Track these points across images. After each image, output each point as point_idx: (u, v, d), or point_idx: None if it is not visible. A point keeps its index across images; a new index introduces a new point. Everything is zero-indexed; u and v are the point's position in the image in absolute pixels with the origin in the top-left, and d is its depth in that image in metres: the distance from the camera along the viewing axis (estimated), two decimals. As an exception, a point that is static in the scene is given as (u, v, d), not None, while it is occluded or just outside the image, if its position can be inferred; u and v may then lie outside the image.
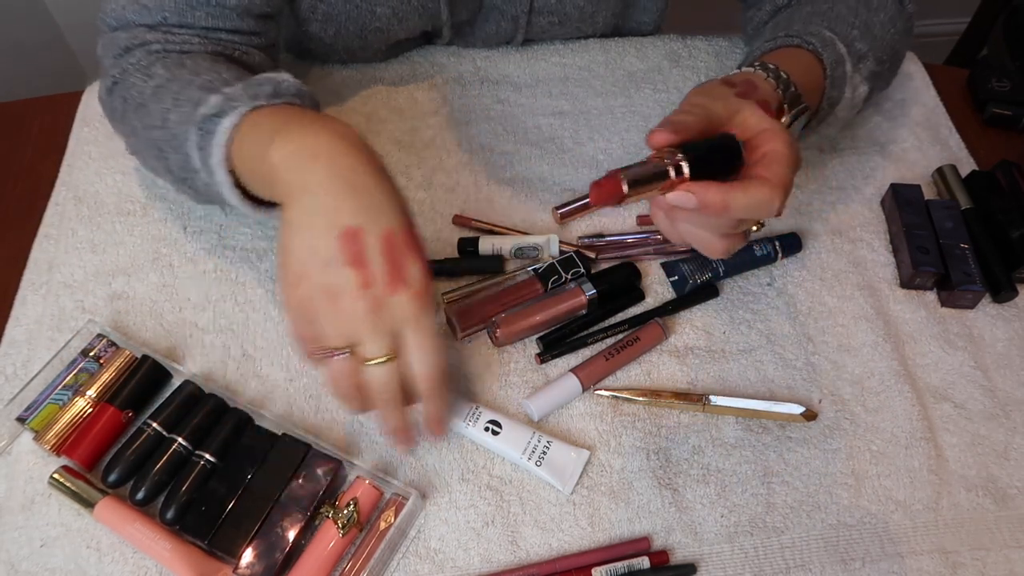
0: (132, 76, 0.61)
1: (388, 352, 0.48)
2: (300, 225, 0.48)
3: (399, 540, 0.54)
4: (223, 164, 0.54)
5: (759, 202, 0.47)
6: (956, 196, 0.72)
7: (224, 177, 0.54)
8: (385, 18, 0.74)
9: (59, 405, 0.58)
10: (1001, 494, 0.58)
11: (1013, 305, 0.68)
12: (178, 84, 0.58)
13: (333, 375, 0.49)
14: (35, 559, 0.53)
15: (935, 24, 1.82)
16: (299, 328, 0.50)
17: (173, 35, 0.62)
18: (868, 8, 0.68)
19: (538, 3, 0.78)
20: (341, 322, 0.48)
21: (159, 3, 0.61)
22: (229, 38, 0.64)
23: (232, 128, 0.53)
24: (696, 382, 0.62)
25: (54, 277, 0.66)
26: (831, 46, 0.63)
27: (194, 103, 0.55)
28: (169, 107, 0.57)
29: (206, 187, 0.58)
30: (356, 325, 0.48)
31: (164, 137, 0.58)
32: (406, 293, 0.48)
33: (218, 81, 0.57)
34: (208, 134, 0.54)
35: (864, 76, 0.65)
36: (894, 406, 0.62)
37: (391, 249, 0.48)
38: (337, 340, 0.48)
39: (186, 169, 0.58)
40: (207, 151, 0.54)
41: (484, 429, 0.58)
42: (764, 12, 0.75)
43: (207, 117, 0.54)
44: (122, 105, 0.62)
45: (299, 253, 0.48)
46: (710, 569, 0.54)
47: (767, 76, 0.57)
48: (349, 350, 0.48)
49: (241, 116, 0.53)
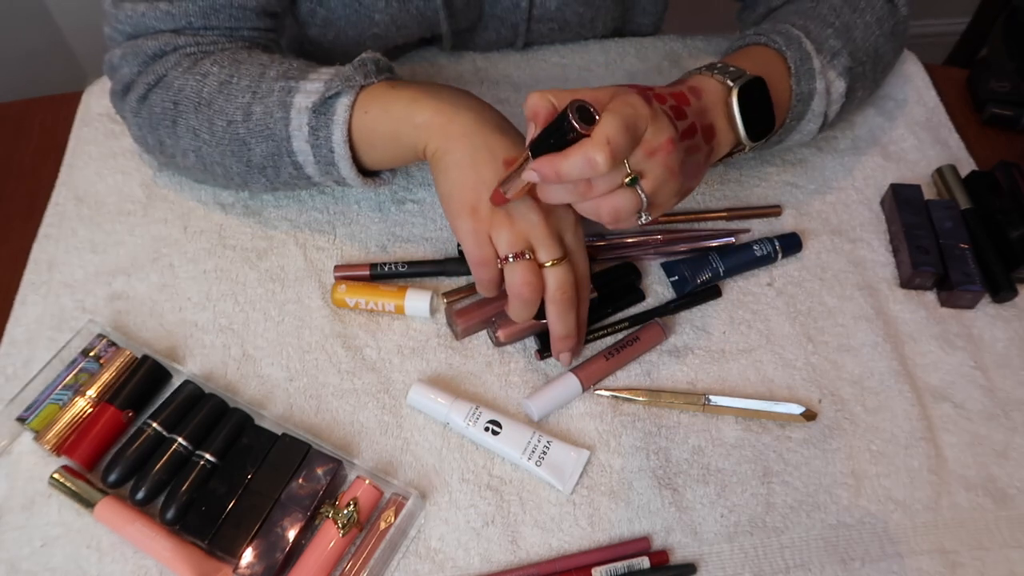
0: (179, 79, 0.61)
1: (561, 254, 0.55)
2: (465, 163, 0.55)
3: (399, 540, 0.54)
4: (345, 141, 0.58)
5: (582, 160, 0.48)
6: (956, 196, 0.72)
7: (345, 152, 0.59)
8: (384, 25, 0.74)
9: (59, 405, 0.58)
10: (1001, 494, 0.58)
11: (1013, 305, 0.68)
12: (248, 78, 0.61)
13: (518, 281, 0.54)
14: (35, 559, 0.53)
15: (935, 24, 1.82)
16: (478, 252, 0.55)
17: (201, 36, 0.63)
18: (852, 9, 0.68)
19: (538, 11, 0.78)
20: (517, 233, 0.54)
21: (183, 8, 0.61)
22: (252, 35, 0.66)
23: (351, 104, 0.58)
24: (696, 382, 0.62)
25: (54, 277, 0.66)
26: (796, 42, 0.64)
27: (284, 91, 0.59)
28: (249, 100, 0.60)
29: (293, 174, 0.63)
30: (533, 231, 0.54)
31: (248, 130, 0.60)
32: (563, 205, 0.55)
33: (294, 70, 0.61)
34: (325, 115, 0.58)
35: (839, 72, 0.65)
36: (894, 406, 0.62)
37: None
38: (515, 244, 0.54)
39: (276, 156, 0.61)
40: (326, 131, 0.58)
41: (484, 429, 0.58)
42: (758, 13, 0.76)
43: (324, 98, 0.58)
44: (171, 108, 0.62)
45: (471, 184, 0.55)
46: (710, 569, 0.54)
47: (712, 74, 0.59)
48: (530, 252, 0.54)
49: (356, 93, 0.58)
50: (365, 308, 0.64)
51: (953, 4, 1.73)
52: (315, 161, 0.60)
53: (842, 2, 0.68)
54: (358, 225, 0.70)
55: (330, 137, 0.58)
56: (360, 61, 0.60)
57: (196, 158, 0.64)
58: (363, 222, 0.70)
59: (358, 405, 0.60)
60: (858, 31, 0.67)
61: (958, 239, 0.68)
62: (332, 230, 0.70)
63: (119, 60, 0.64)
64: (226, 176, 0.65)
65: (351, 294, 0.64)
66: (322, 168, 0.61)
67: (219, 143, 0.62)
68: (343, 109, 0.58)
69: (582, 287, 0.58)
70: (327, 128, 0.58)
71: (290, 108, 0.59)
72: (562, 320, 0.57)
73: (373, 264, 0.66)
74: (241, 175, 0.64)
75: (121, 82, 0.64)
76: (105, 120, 0.76)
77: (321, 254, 0.68)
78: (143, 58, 0.62)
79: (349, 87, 0.58)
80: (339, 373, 0.62)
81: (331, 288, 0.65)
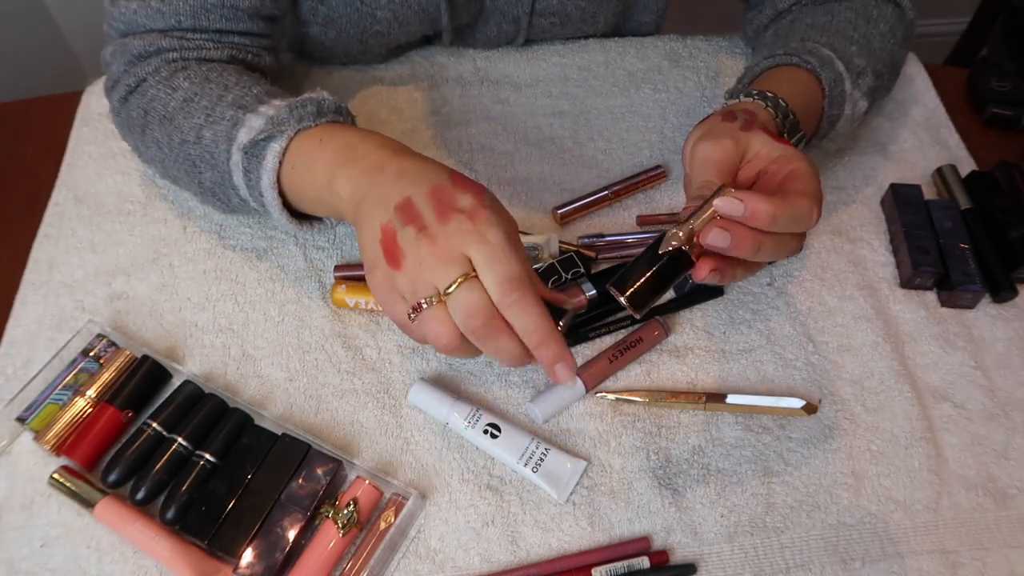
0: (153, 87, 0.61)
1: (459, 274, 0.46)
2: (364, 223, 0.50)
3: (399, 540, 0.54)
4: (273, 187, 0.56)
5: (801, 212, 0.49)
6: (956, 196, 0.72)
7: (273, 198, 0.56)
8: (385, 22, 0.74)
9: (59, 405, 0.58)
10: (1001, 494, 0.58)
11: (1013, 305, 0.68)
12: (208, 99, 0.59)
13: (430, 325, 0.47)
14: (35, 559, 0.53)
15: (935, 24, 1.82)
16: (392, 312, 0.49)
17: (187, 40, 0.62)
18: (867, 20, 0.68)
19: (540, 5, 0.78)
20: (411, 275, 0.47)
21: (173, 7, 0.61)
22: (241, 40, 0.65)
23: (282, 151, 0.55)
24: (696, 382, 0.62)
25: (54, 277, 0.66)
26: (829, 65, 0.63)
27: (231, 122, 0.57)
28: (202, 123, 0.58)
29: (241, 203, 0.61)
30: (423, 268, 0.46)
31: (199, 153, 0.59)
32: (457, 217, 0.47)
33: (250, 98, 0.59)
34: (256, 158, 0.56)
35: (863, 92, 0.66)
36: (894, 406, 0.62)
37: (438, 196, 0.48)
38: (414, 292, 0.47)
39: (222, 186, 0.60)
40: (256, 174, 0.56)
41: (483, 432, 0.58)
42: (765, 15, 0.76)
43: (254, 142, 0.55)
44: (142, 116, 0.62)
45: (369, 243, 0.49)
46: (710, 569, 0.54)
47: (766, 105, 0.58)
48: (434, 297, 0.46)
49: (289, 139, 0.55)
50: (365, 308, 0.64)
51: (953, 4, 1.73)
52: (252, 199, 0.58)
53: (855, 13, 0.68)
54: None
55: (259, 181, 0.56)
56: (299, 103, 0.56)
57: (161, 169, 0.64)
58: (363, 222, 0.70)
59: (358, 405, 0.60)
60: (876, 43, 0.67)
61: (958, 239, 0.68)
62: (332, 230, 0.70)
63: (110, 57, 0.64)
64: (189, 192, 0.65)
65: (351, 294, 0.64)
66: (260, 207, 0.59)
67: (175, 159, 0.61)
68: (272, 156, 0.55)
69: (514, 290, 0.46)
70: (257, 171, 0.56)
71: (232, 141, 0.57)
72: (495, 345, 0.47)
73: (373, 264, 0.66)
74: (198, 195, 0.64)
75: (111, 79, 0.64)
76: (105, 120, 0.76)
77: (321, 254, 0.68)
78: (128, 57, 0.62)
79: (280, 132, 0.55)
80: (339, 373, 0.62)
81: (331, 288, 0.65)
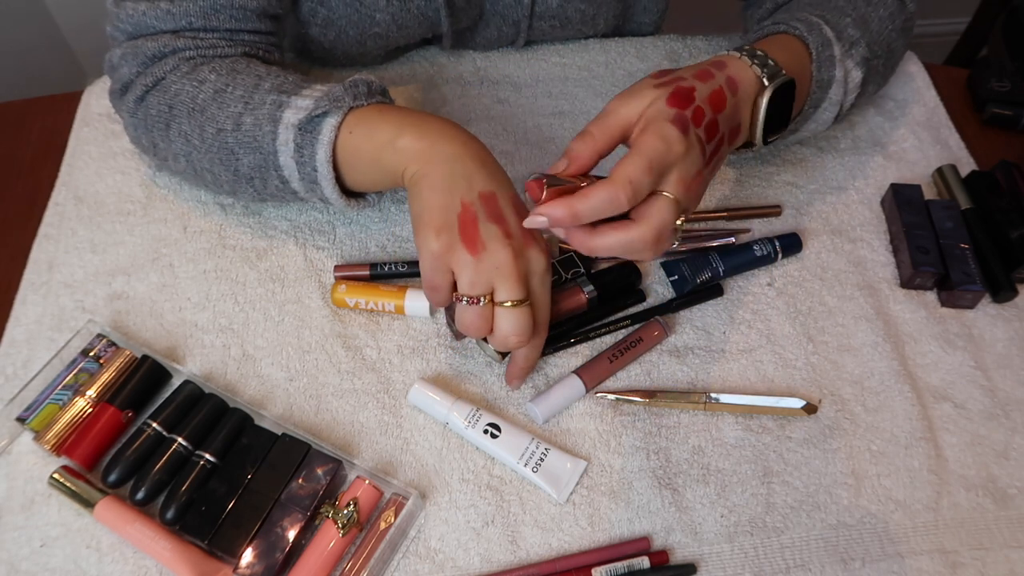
0: (176, 83, 0.61)
1: (522, 296, 0.52)
2: (439, 187, 0.54)
3: (399, 540, 0.54)
4: (328, 160, 0.58)
5: (603, 202, 0.49)
6: (956, 196, 0.72)
7: (328, 172, 0.58)
8: (385, 24, 0.74)
9: (59, 405, 0.58)
10: (1001, 494, 0.58)
11: (1013, 305, 0.68)
12: (243, 89, 0.60)
13: (471, 316, 0.53)
14: (35, 559, 0.53)
15: (935, 24, 1.82)
16: (434, 277, 0.53)
17: (200, 39, 0.63)
18: (867, 3, 0.68)
19: (539, 8, 0.78)
20: (483, 267, 0.52)
21: (183, 9, 0.61)
22: (252, 39, 0.66)
23: (337, 125, 0.57)
24: (696, 382, 0.62)
25: (54, 277, 0.66)
26: (816, 29, 0.63)
27: (274, 105, 0.59)
28: (241, 111, 0.60)
29: (279, 187, 0.62)
30: (499, 271, 0.52)
31: (236, 140, 0.60)
32: (537, 248, 0.54)
33: (289, 84, 0.61)
34: (311, 133, 0.58)
35: (857, 61, 0.66)
36: (894, 406, 0.62)
37: (519, 210, 0.55)
38: (476, 285, 0.52)
39: (262, 169, 0.61)
40: (310, 149, 0.58)
41: (483, 432, 0.58)
42: (764, 10, 0.76)
43: (310, 117, 0.57)
44: (166, 112, 0.62)
45: (444, 207, 0.53)
46: (710, 569, 0.54)
47: (740, 55, 0.58)
48: (487, 296, 0.52)
49: (344, 115, 0.58)
50: (365, 308, 0.64)
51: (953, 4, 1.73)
52: (300, 178, 0.60)
53: None
54: (358, 225, 0.70)
55: (314, 156, 0.58)
56: (352, 82, 0.59)
57: (187, 163, 0.64)
58: (363, 222, 0.70)
59: (358, 405, 0.60)
60: (873, 24, 0.68)
61: (958, 239, 0.68)
62: (332, 230, 0.70)
63: (119, 60, 0.64)
64: (216, 183, 0.65)
65: (351, 294, 0.64)
66: (306, 185, 0.60)
67: (208, 150, 0.62)
68: (329, 129, 0.57)
69: (538, 332, 0.56)
70: (312, 146, 0.58)
71: (279, 123, 0.59)
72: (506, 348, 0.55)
73: (373, 264, 0.66)
74: (229, 183, 0.64)
75: (120, 82, 0.64)
76: (105, 120, 0.76)
77: (321, 254, 0.68)
78: (142, 59, 0.62)
79: (337, 108, 0.57)
80: (339, 373, 0.62)
81: (331, 288, 0.65)
